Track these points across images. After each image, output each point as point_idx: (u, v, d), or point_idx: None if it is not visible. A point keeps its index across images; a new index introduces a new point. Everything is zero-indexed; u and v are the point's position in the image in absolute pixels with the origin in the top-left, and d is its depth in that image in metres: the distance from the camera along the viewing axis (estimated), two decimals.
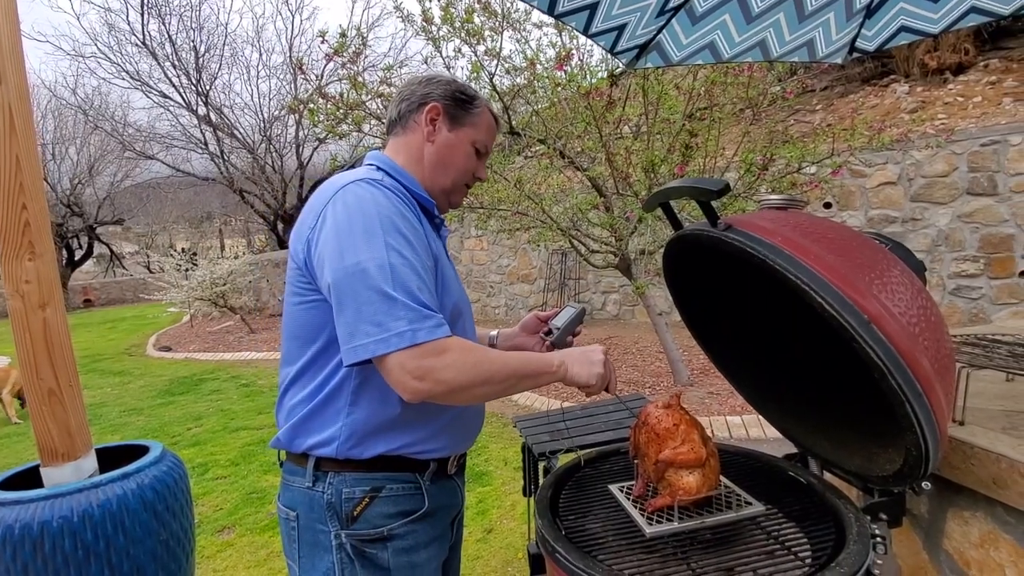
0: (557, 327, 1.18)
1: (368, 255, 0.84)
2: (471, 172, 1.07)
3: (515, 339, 1.25)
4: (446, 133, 1.03)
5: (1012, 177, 4.85)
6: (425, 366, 0.81)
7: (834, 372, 1.08)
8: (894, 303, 0.77)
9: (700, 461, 0.93)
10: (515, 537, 2.61)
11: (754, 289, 1.08)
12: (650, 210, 1.04)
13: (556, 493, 1.10)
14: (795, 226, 0.86)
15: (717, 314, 1.24)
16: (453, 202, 1.10)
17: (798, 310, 0.99)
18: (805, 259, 0.78)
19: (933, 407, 0.76)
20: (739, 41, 2.31)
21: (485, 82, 3.46)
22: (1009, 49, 6.40)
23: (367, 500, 0.94)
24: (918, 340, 0.77)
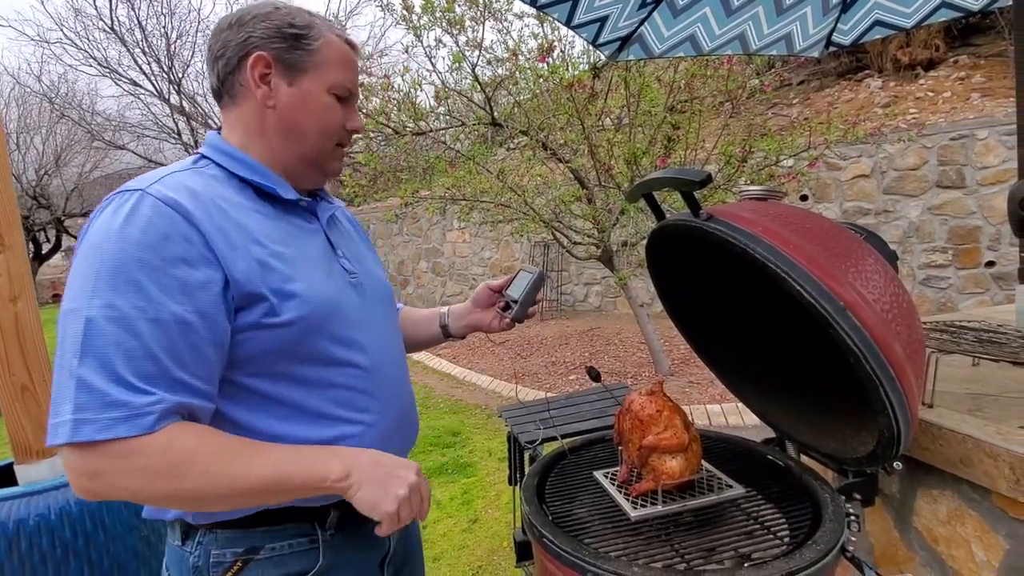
0: (514, 299, 1.02)
1: (75, 304, 0.65)
2: (339, 126, 0.84)
3: (469, 316, 1.12)
4: (287, 89, 0.80)
5: (979, 171, 5.00)
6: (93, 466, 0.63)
7: (811, 359, 1.11)
8: (869, 291, 0.80)
9: (683, 446, 0.95)
10: (500, 526, 2.64)
11: (735, 278, 1.11)
12: (633, 201, 1.05)
13: (542, 480, 1.11)
14: (775, 216, 0.88)
15: (699, 303, 1.27)
16: (329, 170, 0.88)
17: (777, 298, 1.02)
18: (784, 248, 0.80)
19: (905, 391, 0.79)
20: (719, 34, 2.35)
21: (467, 72, 3.44)
22: (977, 46, 6.59)
23: (239, 565, 0.76)
24: (891, 326, 0.79)
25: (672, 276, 1.22)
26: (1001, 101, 5.52)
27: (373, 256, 1.03)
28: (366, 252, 1.00)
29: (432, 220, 8.83)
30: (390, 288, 1.00)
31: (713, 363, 1.33)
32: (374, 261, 1.01)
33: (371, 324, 0.87)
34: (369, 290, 0.91)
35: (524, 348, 6.14)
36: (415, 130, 3.54)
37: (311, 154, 0.84)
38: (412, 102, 3.34)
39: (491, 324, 1.10)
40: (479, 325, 1.11)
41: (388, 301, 0.98)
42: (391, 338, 0.94)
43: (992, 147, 4.92)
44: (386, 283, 0.99)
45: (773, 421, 1.21)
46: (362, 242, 1.02)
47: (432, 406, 4.66)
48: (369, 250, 1.03)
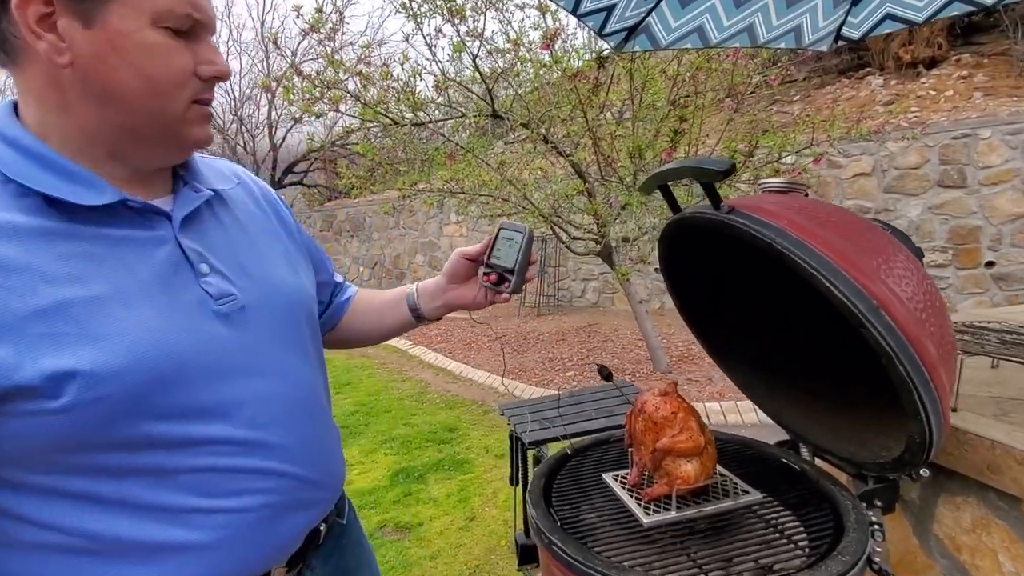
0: (507, 268, 0.82)
1: None
2: (183, 73, 0.58)
3: (446, 295, 0.89)
4: (85, 34, 0.53)
5: (981, 170, 4.98)
6: None
7: (828, 357, 1.07)
8: (902, 288, 0.75)
9: (698, 449, 0.91)
10: (498, 524, 2.60)
11: (752, 273, 1.06)
12: (647, 192, 1.00)
13: (549, 483, 1.07)
14: (800, 209, 0.83)
15: (711, 299, 1.22)
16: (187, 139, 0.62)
17: (797, 295, 0.98)
18: (813, 242, 0.76)
19: (939, 393, 0.74)
20: (727, 25, 2.28)
21: (468, 63, 3.37)
22: (980, 44, 6.56)
23: None
24: (925, 325, 0.75)
25: (685, 271, 1.18)
26: (1004, 100, 5.49)
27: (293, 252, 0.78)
28: (271, 249, 0.74)
29: (429, 214, 8.76)
30: (303, 295, 0.75)
31: (723, 361, 1.29)
32: (287, 260, 0.75)
33: (255, 366, 0.64)
34: (258, 312, 0.66)
35: (520, 344, 6.09)
36: (414, 120, 3.47)
37: (147, 124, 0.59)
38: (412, 91, 3.27)
39: (475, 300, 0.88)
40: (460, 303, 0.89)
41: (294, 318, 0.72)
42: (294, 376, 0.69)
43: (995, 146, 4.90)
44: (299, 289, 0.75)
45: (786, 422, 1.17)
46: (270, 234, 0.76)
47: (428, 401, 4.62)
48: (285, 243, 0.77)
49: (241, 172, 0.80)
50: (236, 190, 0.75)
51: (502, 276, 0.84)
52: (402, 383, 5.23)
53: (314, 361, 0.76)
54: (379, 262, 9.94)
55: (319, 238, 10.81)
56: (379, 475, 3.24)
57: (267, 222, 0.77)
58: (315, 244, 0.90)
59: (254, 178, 0.82)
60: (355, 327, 0.97)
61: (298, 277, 0.76)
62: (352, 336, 0.98)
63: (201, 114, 0.63)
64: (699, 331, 1.28)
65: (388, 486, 3.08)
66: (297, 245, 0.81)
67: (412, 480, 3.13)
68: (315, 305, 0.80)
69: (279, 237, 0.78)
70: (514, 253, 0.84)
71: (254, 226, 0.74)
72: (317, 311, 0.82)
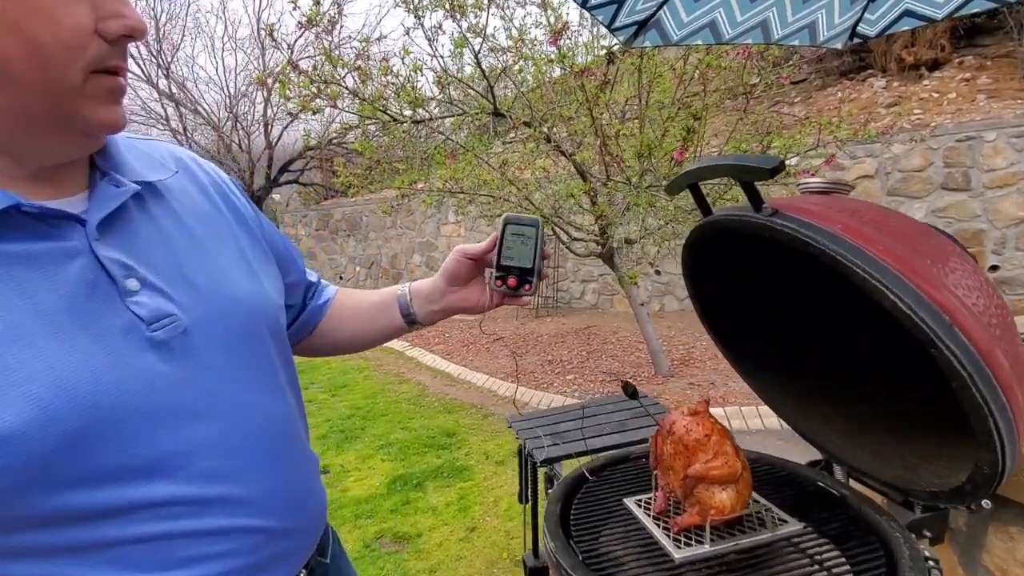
0: (524, 267, 0.73)
1: None
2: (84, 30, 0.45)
3: (446, 298, 0.78)
4: None
5: (986, 173, 4.93)
6: None
7: (870, 371, 0.99)
8: (973, 301, 0.67)
9: (735, 476, 0.82)
10: (499, 536, 2.51)
11: (787, 280, 0.98)
12: (675, 192, 0.92)
13: (565, 508, 0.98)
14: (852, 212, 0.75)
15: (737, 307, 1.14)
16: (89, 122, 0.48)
17: (840, 304, 0.89)
18: (873, 250, 0.67)
19: (1016, 417, 0.66)
20: (741, 21, 2.20)
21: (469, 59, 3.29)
22: (984, 47, 6.52)
23: None
24: (999, 342, 0.67)
25: (710, 276, 1.09)
26: (1008, 103, 5.44)
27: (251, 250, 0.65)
28: (223, 250, 0.60)
29: (427, 213, 8.66)
30: (266, 304, 0.62)
31: (748, 372, 1.21)
32: (244, 262, 0.62)
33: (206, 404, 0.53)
34: (207, 334, 0.54)
35: (519, 346, 6.01)
36: (414, 117, 3.38)
37: (38, 106, 0.45)
38: (412, 86, 3.18)
39: (480, 303, 0.77)
40: (463, 307, 0.78)
41: (256, 336, 0.59)
42: (259, 410, 0.58)
43: (1000, 149, 4.85)
44: (261, 298, 0.61)
45: (819, 441, 1.09)
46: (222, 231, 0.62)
47: (426, 405, 4.53)
48: (241, 241, 0.64)
49: (184, 155, 0.65)
50: (176, 179, 0.61)
51: (521, 277, 0.74)
52: (399, 385, 5.14)
53: (283, 386, 0.63)
54: (376, 262, 9.83)
55: (315, 237, 10.69)
56: (376, 482, 3.15)
57: (218, 216, 0.63)
58: (281, 237, 0.76)
59: (201, 162, 0.68)
60: (335, 334, 0.84)
61: (258, 282, 0.62)
62: (332, 343, 0.85)
63: (108, 88, 0.47)
64: (721, 340, 1.20)
65: (385, 494, 2.99)
66: (256, 241, 0.67)
67: (410, 488, 3.03)
68: (282, 314, 0.67)
69: (233, 233, 0.64)
70: (529, 250, 0.74)
71: (201, 223, 0.60)
72: (285, 320, 0.69)
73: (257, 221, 0.71)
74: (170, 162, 0.62)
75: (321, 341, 0.84)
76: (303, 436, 0.67)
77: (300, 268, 0.80)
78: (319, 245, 10.64)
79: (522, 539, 2.48)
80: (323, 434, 3.97)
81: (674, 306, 6.66)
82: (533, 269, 0.74)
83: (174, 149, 0.66)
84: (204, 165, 0.68)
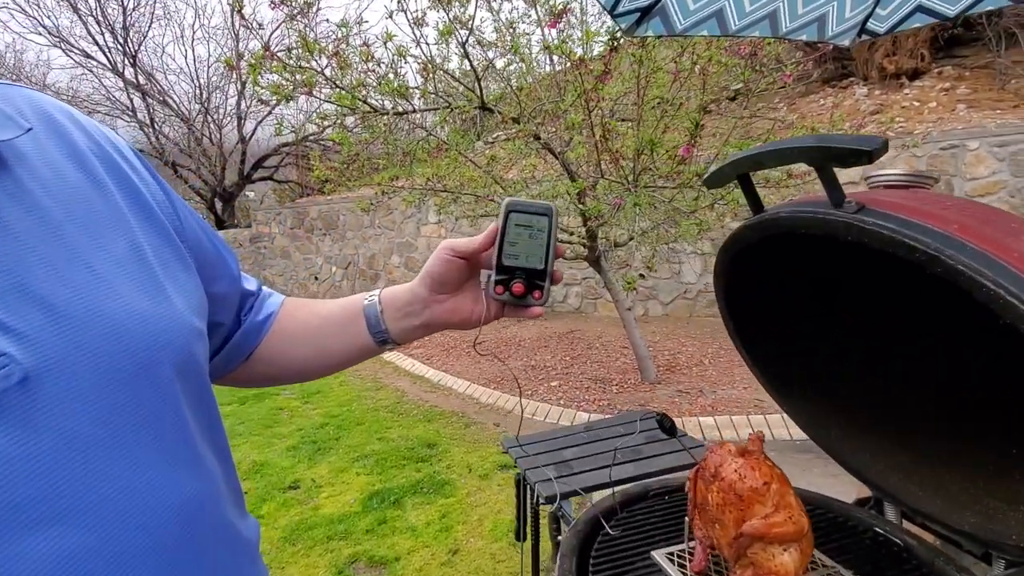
0: (532, 268, 0.57)
1: None
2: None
3: (430, 310, 0.60)
4: None
5: (968, 181, 4.96)
6: None
7: (937, 399, 0.84)
8: None
9: (801, 534, 0.67)
10: (484, 559, 2.33)
11: (848, 291, 0.83)
12: (720, 184, 0.77)
13: (582, 564, 0.81)
14: (961, 209, 0.60)
15: (776, 320, 0.99)
16: None
17: (914, 318, 0.75)
18: (1006, 259, 0.52)
19: None
20: (750, 10, 2.07)
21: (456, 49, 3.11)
22: (963, 57, 6.62)
23: None
24: None
25: (749, 285, 0.94)
26: (987, 113, 5.51)
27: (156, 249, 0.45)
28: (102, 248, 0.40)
29: (407, 213, 8.42)
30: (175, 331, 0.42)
31: (783, 396, 1.06)
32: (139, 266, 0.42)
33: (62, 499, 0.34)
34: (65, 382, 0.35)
35: (501, 351, 5.83)
36: (397, 109, 3.19)
37: None
38: (395, 72, 2.98)
39: (473, 315, 0.60)
40: (453, 321, 0.61)
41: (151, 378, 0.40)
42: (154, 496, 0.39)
43: (983, 158, 4.88)
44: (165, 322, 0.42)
45: (871, 477, 0.94)
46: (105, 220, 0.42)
47: (404, 412, 4.31)
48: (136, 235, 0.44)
49: (52, 108, 0.44)
50: (30, 139, 0.40)
51: (529, 282, 0.57)
52: (376, 392, 4.91)
53: (199, 451, 0.43)
54: (352, 262, 9.53)
55: (289, 236, 10.32)
56: (350, 498, 2.93)
57: (99, 198, 0.42)
58: (206, 230, 0.55)
59: (82, 119, 0.46)
60: (279, 360, 0.62)
61: (164, 298, 0.42)
62: (273, 372, 0.64)
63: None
64: (755, 359, 1.05)
65: (361, 512, 2.78)
66: (165, 236, 0.46)
67: (388, 505, 2.83)
68: (200, 343, 0.46)
69: (124, 224, 0.43)
70: (539, 246, 0.57)
71: (67, 207, 0.40)
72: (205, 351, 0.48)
73: (169, 207, 0.49)
74: (27, 115, 0.41)
75: (258, 369, 0.63)
76: (235, 524, 0.47)
77: (233, 273, 0.59)
78: (293, 244, 10.29)
79: (510, 564, 2.30)
80: (294, 445, 3.73)
81: (658, 311, 6.58)
82: (545, 271, 0.57)
83: (38, 98, 0.44)
84: (86, 124, 0.46)
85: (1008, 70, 5.88)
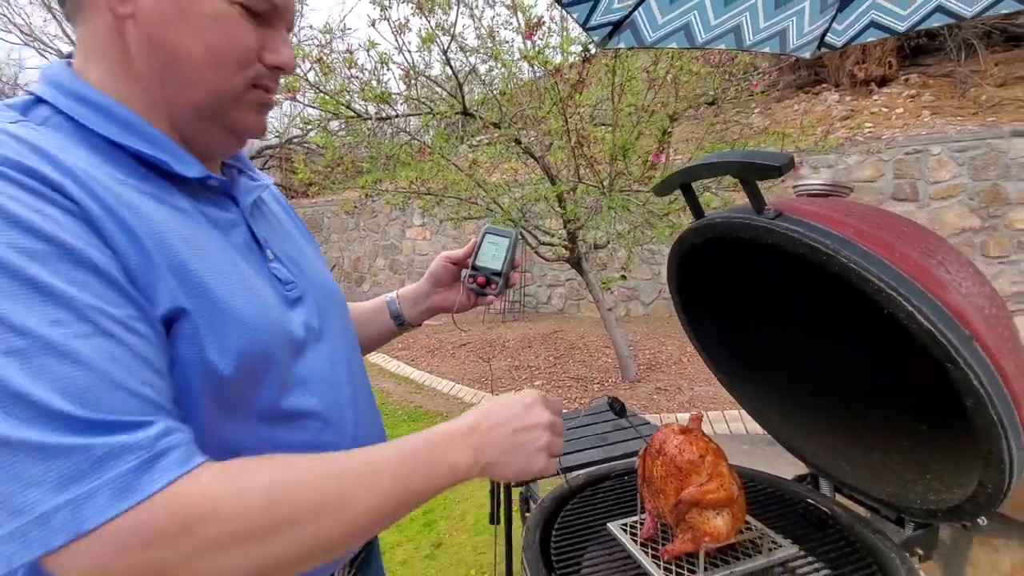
0: (494, 271, 0.82)
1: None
2: (248, 52, 0.55)
3: (429, 299, 0.88)
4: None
5: (931, 185, 5.18)
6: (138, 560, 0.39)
7: (859, 380, 0.95)
8: (987, 311, 0.63)
9: (731, 500, 0.77)
10: (466, 552, 2.41)
11: (780, 288, 0.93)
12: (666, 193, 0.86)
13: (545, 535, 0.90)
14: (863, 215, 0.70)
15: (723, 315, 1.09)
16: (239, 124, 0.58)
17: (838, 312, 0.85)
18: (889, 257, 0.62)
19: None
20: (715, 24, 2.20)
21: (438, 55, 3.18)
22: (927, 66, 6.88)
23: None
24: (1011, 356, 0.63)
25: (697, 282, 1.04)
26: (949, 119, 5.75)
27: (314, 249, 0.77)
28: (305, 246, 0.73)
29: (391, 215, 8.46)
30: (339, 291, 0.75)
31: (733, 385, 1.16)
32: (316, 255, 0.76)
33: (320, 350, 0.62)
34: (313, 302, 0.64)
35: (486, 351, 5.91)
36: (380, 114, 3.25)
37: (206, 100, 0.54)
38: (378, 79, 3.05)
39: (460, 303, 0.87)
40: (443, 307, 0.89)
41: (341, 310, 0.73)
42: (350, 363, 0.68)
43: (944, 163, 5.10)
44: (334, 285, 0.74)
45: (807, 456, 1.05)
46: (298, 230, 0.75)
47: (389, 413, 4.37)
48: (309, 242, 0.76)
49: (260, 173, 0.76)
50: (269, 188, 0.72)
51: (488, 279, 0.83)
52: None
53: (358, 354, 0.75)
54: (338, 264, 9.54)
55: None
56: None
57: (292, 221, 0.76)
58: None
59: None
60: None
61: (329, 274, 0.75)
62: None
63: (260, 100, 0.59)
64: (705, 349, 1.15)
65: None
66: (316, 247, 0.80)
67: None
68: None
69: (304, 235, 0.77)
70: (501, 256, 0.84)
71: (290, 223, 0.74)
72: None
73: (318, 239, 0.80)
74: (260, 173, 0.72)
75: None
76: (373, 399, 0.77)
77: None
78: None
79: (491, 555, 2.38)
80: None
81: (640, 311, 6.71)
82: (501, 272, 0.83)
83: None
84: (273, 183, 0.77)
85: (967, 79, 6.13)
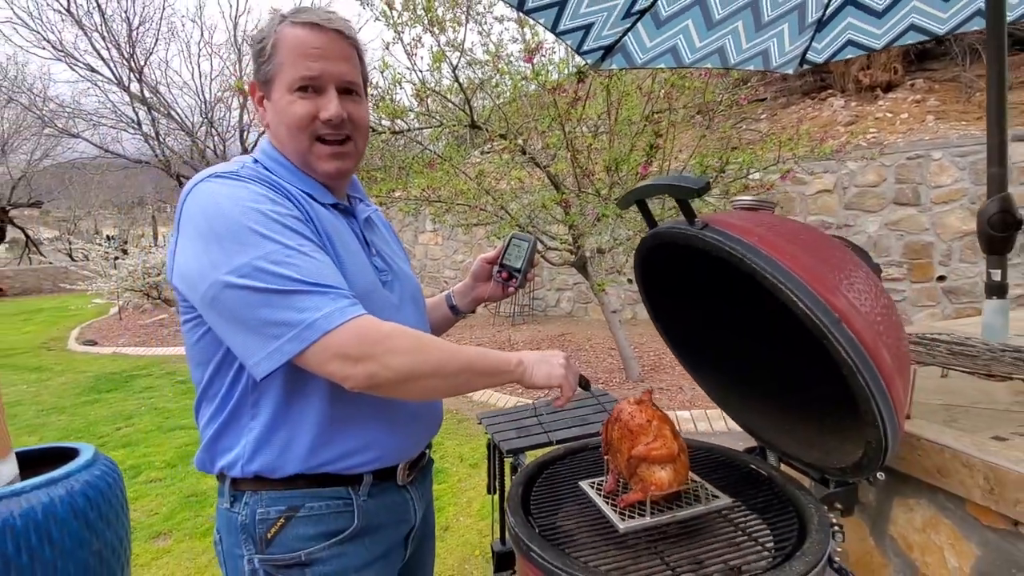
0: (516, 269, 1.10)
1: (243, 258, 0.73)
2: (307, 117, 0.85)
3: (473, 292, 1.20)
4: (269, 105, 0.88)
5: (933, 189, 5.26)
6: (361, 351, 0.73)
7: (796, 369, 1.12)
8: (861, 303, 0.80)
9: (672, 456, 0.94)
10: (472, 534, 2.59)
11: (724, 287, 1.11)
12: (624, 207, 1.04)
13: (527, 491, 1.09)
14: (770, 226, 0.88)
15: (684, 311, 1.27)
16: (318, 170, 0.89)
17: (768, 308, 1.03)
18: (781, 258, 0.80)
19: (894, 402, 0.80)
20: (700, 47, 2.38)
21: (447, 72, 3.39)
22: (932, 70, 6.94)
23: (282, 521, 0.85)
24: (882, 338, 0.80)
25: (659, 283, 1.22)
26: (954, 124, 5.82)
27: (403, 256, 1.09)
28: (398, 251, 1.07)
29: (404, 222, 8.71)
30: (419, 286, 1.07)
31: (695, 370, 1.33)
32: (404, 260, 1.07)
33: (398, 319, 0.87)
34: (400, 288, 0.97)
35: None
36: (393, 128, 3.47)
37: (297, 158, 0.89)
38: (392, 99, 3.27)
39: (492, 293, 1.16)
40: (483, 297, 1.18)
41: (419, 299, 1.04)
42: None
43: (945, 167, 5.18)
44: (415, 281, 1.06)
45: (756, 431, 1.22)
46: (394, 241, 1.10)
47: None
48: (400, 250, 1.10)
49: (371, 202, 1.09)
50: (376, 212, 1.07)
51: (511, 274, 1.10)
52: None
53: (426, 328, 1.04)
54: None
55: None
56: None
57: (391, 236, 1.10)
58: None
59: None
60: None
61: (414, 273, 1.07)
62: None
63: (324, 152, 0.88)
64: (673, 344, 1.32)
65: None
66: (406, 256, 1.10)
67: None
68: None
69: (400, 246, 1.10)
70: (521, 257, 1.09)
71: (387, 235, 1.08)
72: None
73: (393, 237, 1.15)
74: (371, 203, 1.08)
75: None
76: None
77: None
78: None
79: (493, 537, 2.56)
80: None
81: (645, 314, 6.84)
82: (520, 270, 1.09)
83: None
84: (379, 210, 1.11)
85: (973, 83, 6.19)
